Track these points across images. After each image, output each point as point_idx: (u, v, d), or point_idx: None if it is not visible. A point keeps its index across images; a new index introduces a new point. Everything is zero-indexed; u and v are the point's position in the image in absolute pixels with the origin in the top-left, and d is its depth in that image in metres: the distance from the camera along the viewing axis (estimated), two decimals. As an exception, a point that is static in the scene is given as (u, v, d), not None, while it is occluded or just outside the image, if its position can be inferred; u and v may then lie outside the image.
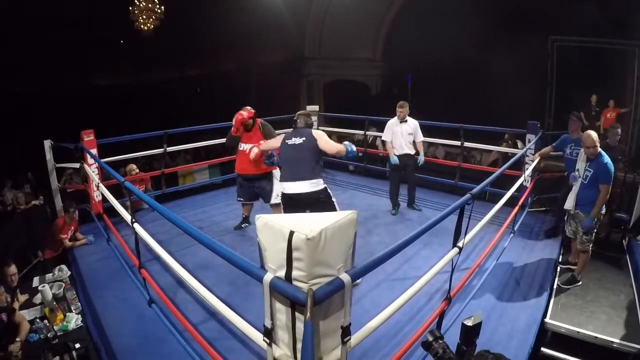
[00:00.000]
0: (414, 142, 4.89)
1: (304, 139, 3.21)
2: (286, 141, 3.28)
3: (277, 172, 4.07)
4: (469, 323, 1.60)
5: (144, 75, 10.92)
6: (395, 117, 4.85)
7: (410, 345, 2.17)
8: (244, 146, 4.04)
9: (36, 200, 6.23)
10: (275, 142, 3.49)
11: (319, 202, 3.15)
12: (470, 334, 1.60)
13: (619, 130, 4.50)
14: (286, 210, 3.24)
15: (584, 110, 7.78)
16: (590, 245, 3.36)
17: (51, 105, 8.58)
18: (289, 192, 3.19)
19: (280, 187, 3.30)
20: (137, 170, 5.31)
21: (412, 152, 4.89)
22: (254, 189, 4.22)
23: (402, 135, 4.83)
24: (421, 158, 4.91)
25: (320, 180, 3.21)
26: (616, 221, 4.29)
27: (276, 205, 4.19)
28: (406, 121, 4.82)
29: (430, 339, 1.47)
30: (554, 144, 4.28)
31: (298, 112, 3.46)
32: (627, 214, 4.30)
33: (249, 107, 4.10)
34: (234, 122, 4.01)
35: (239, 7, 9.97)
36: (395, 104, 4.87)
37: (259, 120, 4.14)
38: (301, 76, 12.87)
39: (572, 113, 4.18)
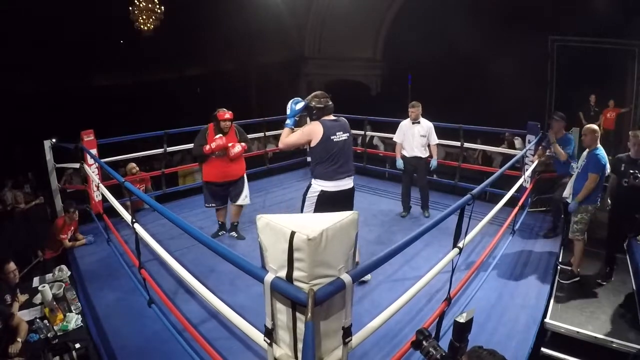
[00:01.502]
0: (428, 145, 4.74)
1: (347, 134, 3.05)
2: (330, 137, 2.94)
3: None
4: (462, 320, 1.61)
5: (144, 75, 10.91)
6: (408, 118, 4.71)
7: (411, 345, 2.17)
8: (217, 153, 3.85)
9: (36, 200, 6.23)
10: (304, 136, 2.97)
11: (352, 196, 3.13)
12: (462, 330, 1.61)
13: None
14: (325, 208, 2.89)
15: (583, 110, 7.80)
16: (581, 236, 3.47)
17: (51, 105, 8.59)
18: (338, 189, 3.00)
19: (321, 184, 3.00)
20: (137, 169, 5.31)
21: (424, 155, 4.72)
22: (228, 191, 4.09)
23: (413, 136, 4.69)
24: (434, 162, 4.74)
25: None
26: None
27: (241, 206, 4.19)
28: (419, 122, 4.66)
29: (420, 338, 1.46)
30: (543, 144, 4.46)
31: (319, 94, 3.03)
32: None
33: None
34: (217, 144, 3.78)
35: (239, 7, 9.97)
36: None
37: (233, 125, 4.03)
38: (301, 76, 12.88)
39: (554, 113, 4.32)
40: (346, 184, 3.05)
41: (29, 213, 6.05)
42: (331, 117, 3.03)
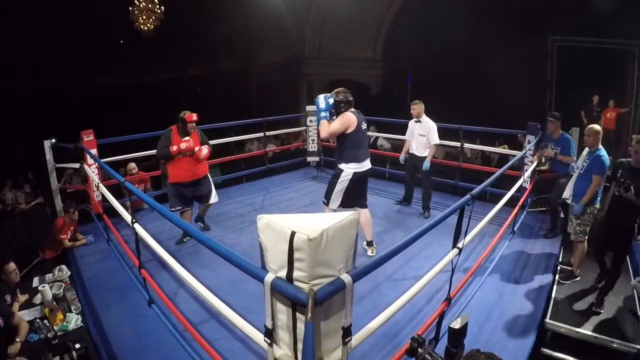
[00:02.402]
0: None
1: (366, 125, 3.61)
2: (361, 125, 3.46)
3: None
4: (456, 326, 1.61)
5: (144, 75, 10.91)
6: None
7: (411, 345, 2.17)
8: (183, 145, 3.88)
9: (36, 200, 6.23)
10: (344, 125, 3.38)
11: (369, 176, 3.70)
12: (458, 335, 1.61)
13: None
14: (356, 188, 3.53)
15: (585, 110, 7.80)
16: (583, 237, 3.44)
17: (51, 105, 8.58)
18: (364, 170, 3.54)
19: (353, 167, 3.48)
20: (137, 169, 5.30)
21: (423, 154, 4.73)
22: (195, 192, 4.09)
23: (412, 134, 4.81)
24: (426, 164, 4.69)
25: None
26: None
27: (210, 204, 4.26)
28: (420, 121, 4.72)
29: (414, 345, 1.45)
30: (541, 143, 4.50)
31: (342, 90, 3.47)
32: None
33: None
34: (183, 147, 3.84)
35: (239, 7, 9.97)
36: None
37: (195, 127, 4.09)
38: (301, 76, 12.88)
39: (549, 114, 4.28)
40: (369, 164, 3.60)
41: (29, 213, 6.05)
42: (353, 110, 3.47)
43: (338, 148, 3.51)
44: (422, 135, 4.71)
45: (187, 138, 3.91)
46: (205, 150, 3.98)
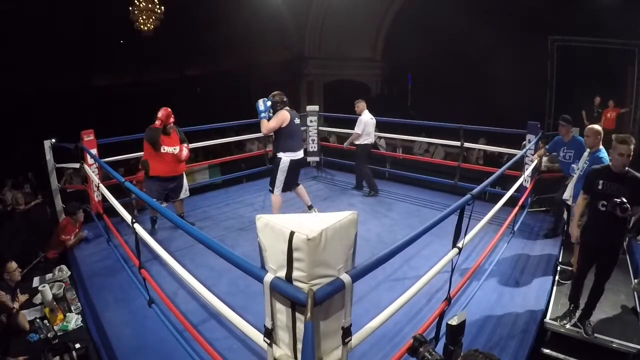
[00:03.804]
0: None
1: (299, 120, 4.28)
2: (293, 120, 4.11)
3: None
4: (454, 322, 1.62)
5: (144, 75, 10.91)
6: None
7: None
8: (167, 149, 4.10)
9: (36, 200, 6.24)
10: (279, 121, 4.03)
11: (304, 164, 4.53)
12: (455, 333, 1.62)
13: None
14: (293, 173, 4.23)
15: (586, 111, 7.79)
16: None
17: (51, 105, 8.58)
18: (299, 157, 4.22)
19: (289, 155, 4.14)
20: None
21: (358, 142, 5.58)
22: (170, 188, 4.26)
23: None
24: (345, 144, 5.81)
25: None
26: None
27: (182, 200, 4.46)
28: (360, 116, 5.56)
29: (416, 344, 1.46)
30: (547, 147, 4.36)
31: (277, 93, 4.12)
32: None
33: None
34: (160, 116, 4.03)
35: (239, 7, 9.97)
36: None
37: (174, 126, 4.25)
38: (301, 76, 12.89)
39: (561, 117, 4.14)
40: (302, 153, 4.29)
41: (29, 213, 6.06)
42: (288, 108, 4.13)
43: (276, 140, 4.16)
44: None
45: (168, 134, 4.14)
46: (185, 151, 4.22)
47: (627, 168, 2.59)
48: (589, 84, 7.81)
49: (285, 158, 4.13)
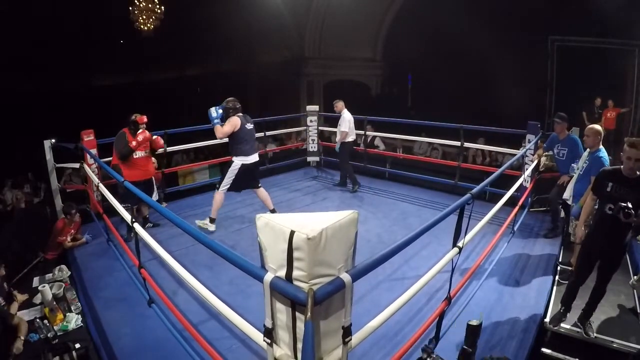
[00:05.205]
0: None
1: (253, 125, 4.43)
2: (245, 125, 4.28)
3: None
4: (474, 323, 1.61)
5: (144, 75, 10.91)
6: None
7: (411, 345, 2.17)
8: (140, 153, 4.17)
9: (36, 200, 6.24)
10: (232, 126, 4.20)
11: (258, 167, 4.64)
12: (474, 334, 1.61)
13: None
14: (244, 176, 4.39)
15: (587, 112, 7.79)
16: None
17: (51, 105, 8.58)
18: (253, 161, 4.41)
19: (241, 159, 4.33)
20: None
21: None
22: (143, 190, 4.27)
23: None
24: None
25: None
26: None
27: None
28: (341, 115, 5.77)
29: (424, 356, 1.46)
30: (545, 144, 4.40)
31: (231, 100, 4.29)
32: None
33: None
34: (140, 139, 4.09)
35: (239, 7, 9.97)
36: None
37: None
38: (301, 76, 12.88)
39: (556, 115, 4.18)
40: (256, 157, 4.44)
41: (29, 213, 6.05)
42: (240, 114, 4.28)
43: (230, 144, 4.35)
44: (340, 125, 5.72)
45: (140, 130, 4.17)
46: (160, 139, 4.46)
47: (638, 173, 2.49)
48: (589, 84, 7.81)
49: (237, 161, 4.32)
